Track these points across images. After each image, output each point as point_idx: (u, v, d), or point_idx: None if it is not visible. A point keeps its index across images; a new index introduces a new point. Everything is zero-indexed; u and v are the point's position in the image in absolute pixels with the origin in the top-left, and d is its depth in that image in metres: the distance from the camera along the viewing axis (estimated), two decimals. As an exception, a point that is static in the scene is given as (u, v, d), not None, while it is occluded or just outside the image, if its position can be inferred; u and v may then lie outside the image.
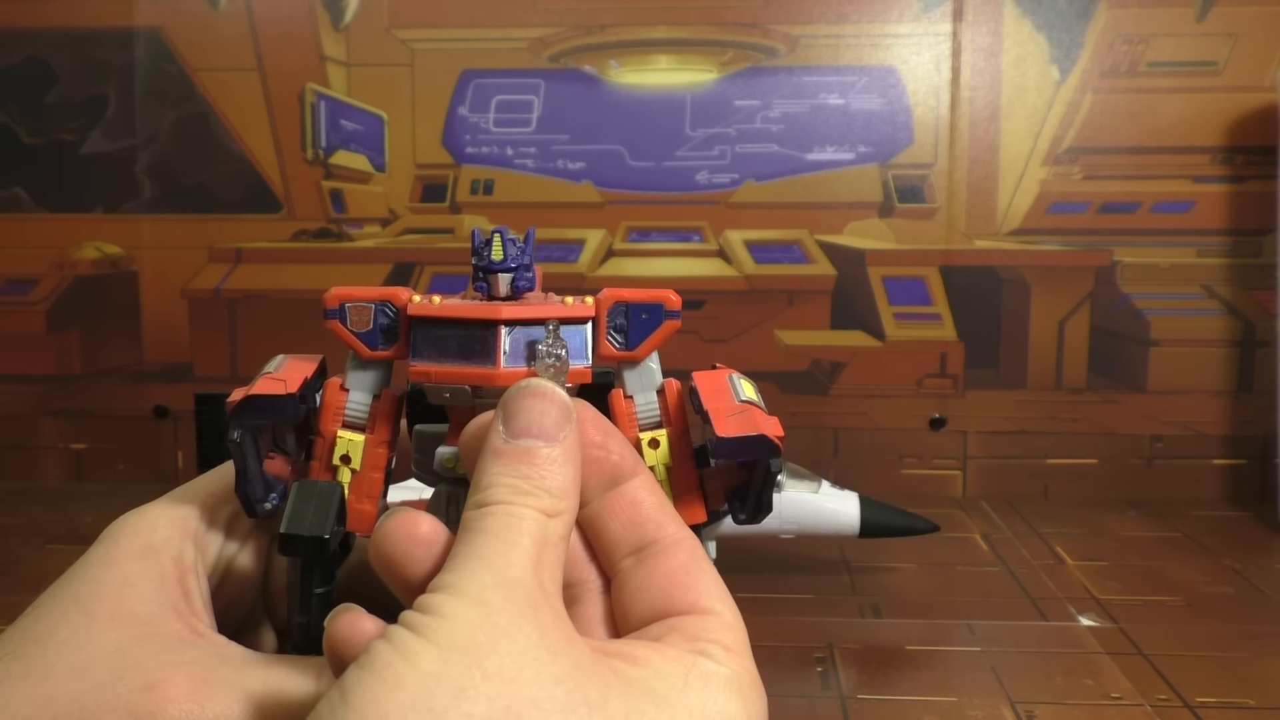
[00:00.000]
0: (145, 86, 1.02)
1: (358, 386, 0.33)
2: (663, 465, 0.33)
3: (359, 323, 0.33)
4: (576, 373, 0.32)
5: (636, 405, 0.33)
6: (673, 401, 0.34)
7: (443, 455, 0.32)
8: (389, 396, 0.33)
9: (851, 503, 0.70)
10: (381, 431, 0.33)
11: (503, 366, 0.31)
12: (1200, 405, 0.99)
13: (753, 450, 0.32)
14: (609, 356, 0.33)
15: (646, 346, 0.33)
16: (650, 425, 0.33)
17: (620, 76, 1.00)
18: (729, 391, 0.34)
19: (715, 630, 0.28)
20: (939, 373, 1.01)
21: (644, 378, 0.33)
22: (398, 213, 1.03)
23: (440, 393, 0.32)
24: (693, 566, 0.30)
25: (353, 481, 0.33)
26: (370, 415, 0.33)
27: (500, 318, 0.31)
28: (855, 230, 1.00)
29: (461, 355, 0.31)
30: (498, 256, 0.32)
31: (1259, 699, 0.56)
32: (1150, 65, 0.97)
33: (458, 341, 0.31)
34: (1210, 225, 0.98)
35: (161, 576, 0.32)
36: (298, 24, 1.01)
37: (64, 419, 1.04)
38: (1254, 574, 0.77)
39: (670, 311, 0.33)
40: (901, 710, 0.54)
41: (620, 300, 0.33)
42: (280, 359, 0.34)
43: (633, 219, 1.01)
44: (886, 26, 0.98)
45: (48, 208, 1.04)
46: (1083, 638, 0.65)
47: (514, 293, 0.32)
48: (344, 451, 0.33)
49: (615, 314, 0.33)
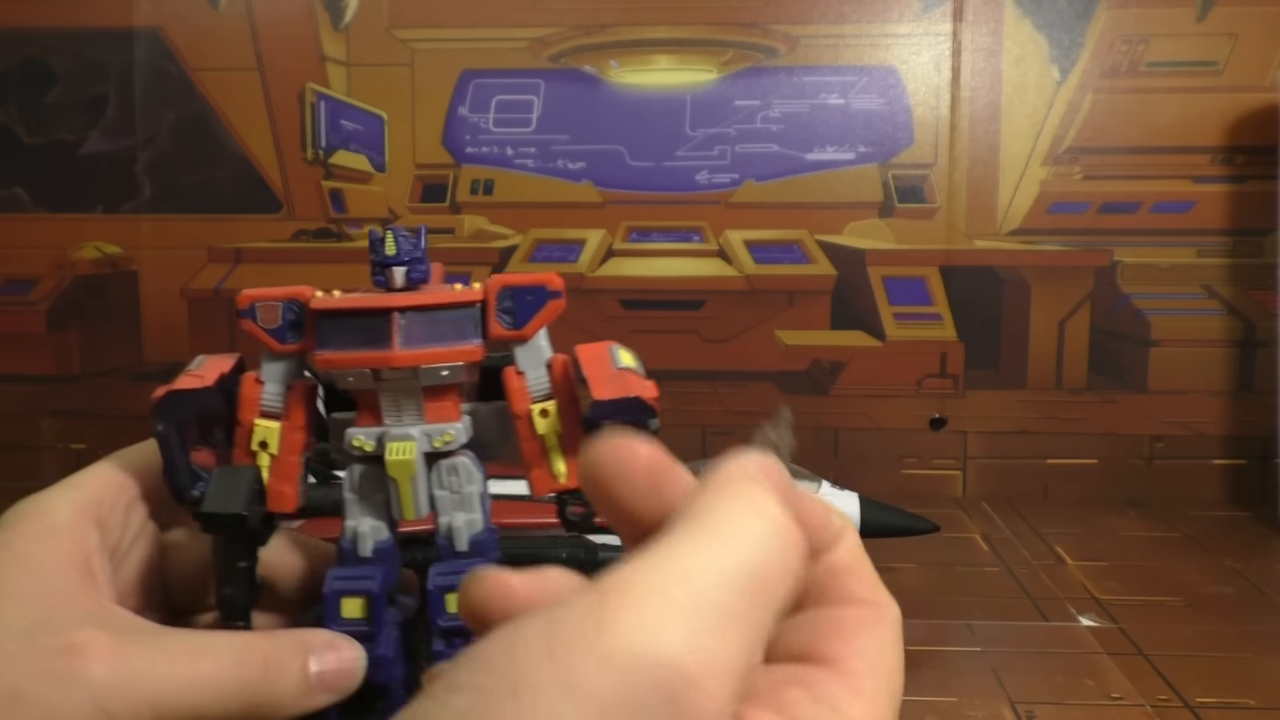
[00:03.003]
0: (145, 86, 1.02)
1: (271, 378, 0.36)
2: (553, 432, 0.36)
3: (268, 320, 0.36)
4: (468, 351, 0.35)
5: (528, 380, 0.36)
6: (560, 374, 0.36)
7: (350, 436, 0.35)
8: (301, 386, 0.36)
9: (851, 503, 0.70)
10: (296, 418, 0.36)
11: (398, 349, 0.33)
12: (1200, 405, 0.99)
13: (628, 411, 0.34)
14: (500, 336, 0.36)
15: (533, 325, 0.36)
16: (541, 397, 0.36)
17: (620, 76, 1.00)
18: (607, 360, 0.36)
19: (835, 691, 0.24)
20: (939, 373, 1.01)
21: (533, 354, 0.36)
22: (398, 213, 1.03)
23: (345, 378, 0.35)
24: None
25: (272, 465, 0.35)
26: (285, 404, 0.36)
27: (394, 305, 0.34)
28: (855, 230, 1.00)
29: (361, 342, 0.34)
30: (391, 251, 0.35)
31: (1259, 699, 0.56)
32: (1150, 65, 0.97)
33: (357, 330, 0.34)
34: (1210, 225, 0.98)
35: (64, 557, 0.32)
36: (298, 24, 1.01)
37: (64, 419, 1.04)
38: (1254, 574, 0.77)
39: (553, 292, 0.36)
40: (902, 710, 0.54)
41: (507, 285, 0.36)
42: (201, 358, 0.37)
43: (633, 219, 1.01)
44: (886, 26, 0.98)
45: (48, 208, 1.04)
46: (1083, 638, 0.64)
47: (409, 284, 0.35)
48: (261, 438, 0.35)
49: (503, 298, 0.35)
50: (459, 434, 0.35)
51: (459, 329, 0.35)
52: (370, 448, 0.35)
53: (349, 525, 0.35)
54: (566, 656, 0.20)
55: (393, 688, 0.35)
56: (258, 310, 0.36)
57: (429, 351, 0.34)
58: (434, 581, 0.35)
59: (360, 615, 0.34)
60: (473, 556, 0.35)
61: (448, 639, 0.34)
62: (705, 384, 1.02)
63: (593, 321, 1.02)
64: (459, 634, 0.34)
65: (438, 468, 0.35)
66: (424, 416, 0.35)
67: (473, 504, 0.36)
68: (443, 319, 0.35)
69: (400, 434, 0.35)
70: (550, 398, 0.36)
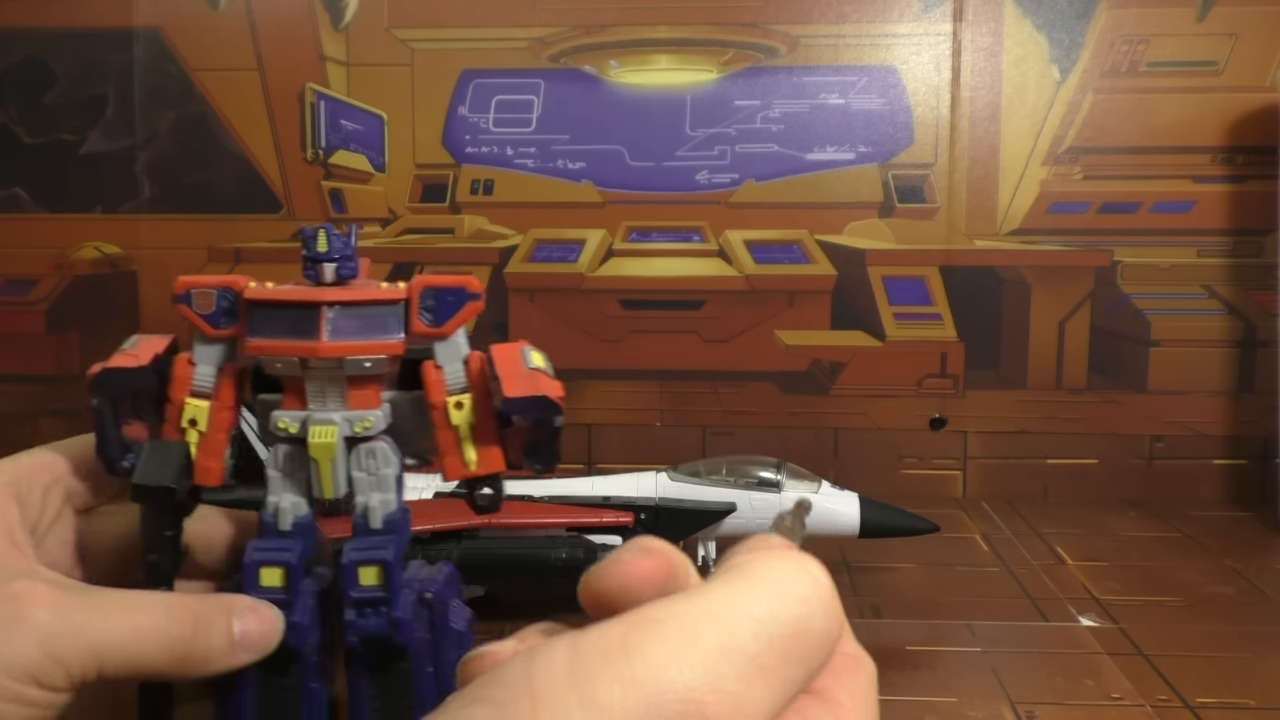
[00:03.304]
0: (145, 86, 1.02)
1: (203, 360, 0.38)
2: (466, 423, 0.38)
3: (203, 306, 0.38)
4: (390, 345, 0.37)
5: (445, 374, 0.38)
6: (476, 371, 0.38)
7: (276, 418, 0.38)
8: (232, 369, 0.38)
9: (851, 503, 0.70)
10: (225, 398, 0.38)
11: (325, 340, 0.36)
12: (1200, 405, 0.99)
13: (536, 408, 0.37)
14: (421, 333, 0.38)
15: (452, 324, 0.38)
16: (457, 390, 0.38)
17: (620, 76, 1.00)
18: (519, 360, 0.38)
19: None
20: (939, 373, 1.01)
21: (452, 351, 0.38)
22: (398, 213, 1.02)
23: (273, 364, 0.37)
24: None
25: (200, 442, 0.38)
26: (215, 385, 0.38)
27: (323, 300, 0.36)
28: (855, 230, 1.00)
29: (290, 332, 0.36)
30: (322, 248, 0.37)
31: (1259, 699, 0.56)
32: (1150, 65, 0.97)
33: (287, 321, 0.36)
34: (1210, 225, 0.98)
35: None
36: (298, 24, 1.01)
37: (63, 419, 1.04)
38: (1254, 574, 0.77)
39: (472, 294, 0.38)
40: (902, 710, 0.54)
41: (429, 285, 0.38)
42: (135, 338, 0.39)
43: (633, 219, 1.01)
44: (886, 26, 0.98)
45: (47, 208, 1.04)
46: (1083, 638, 0.64)
47: (338, 279, 0.37)
48: (191, 416, 0.38)
49: (426, 297, 0.38)
50: (378, 421, 0.38)
51: (383, 324, 0.37)
52: (294, 429, 0.37)
53: (271, 500, 0.38)
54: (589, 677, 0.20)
55: (306, 652, 0.37)
56: (193, 296, 0.38)
57: (353, 344, 0.36)
58: (348, 556, 0.37)
59: (278, 584, 0.36)
60: (386, 534, 0.38)
61: (359, 609, 0.37)
62: (705, 384, 1.02)
63: (593, 321, 1.02)
64: (370, 604, 0.37)
65: (357, 451, 0.38)
66: (346, 403, 0.38)
67: (388, 485, 0.38)
68: (368, 314, 0.37)
69: (323, 418, 0.37)
70: (466, 391, 0.38)
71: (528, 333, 1.04)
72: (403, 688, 0.37)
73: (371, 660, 0.37)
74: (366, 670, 0.37)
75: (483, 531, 0.65)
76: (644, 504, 0.68)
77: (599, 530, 0.67)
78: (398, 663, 0.37)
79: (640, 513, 0.68)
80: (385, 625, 0.37)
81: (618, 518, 0.67)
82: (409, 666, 0.37)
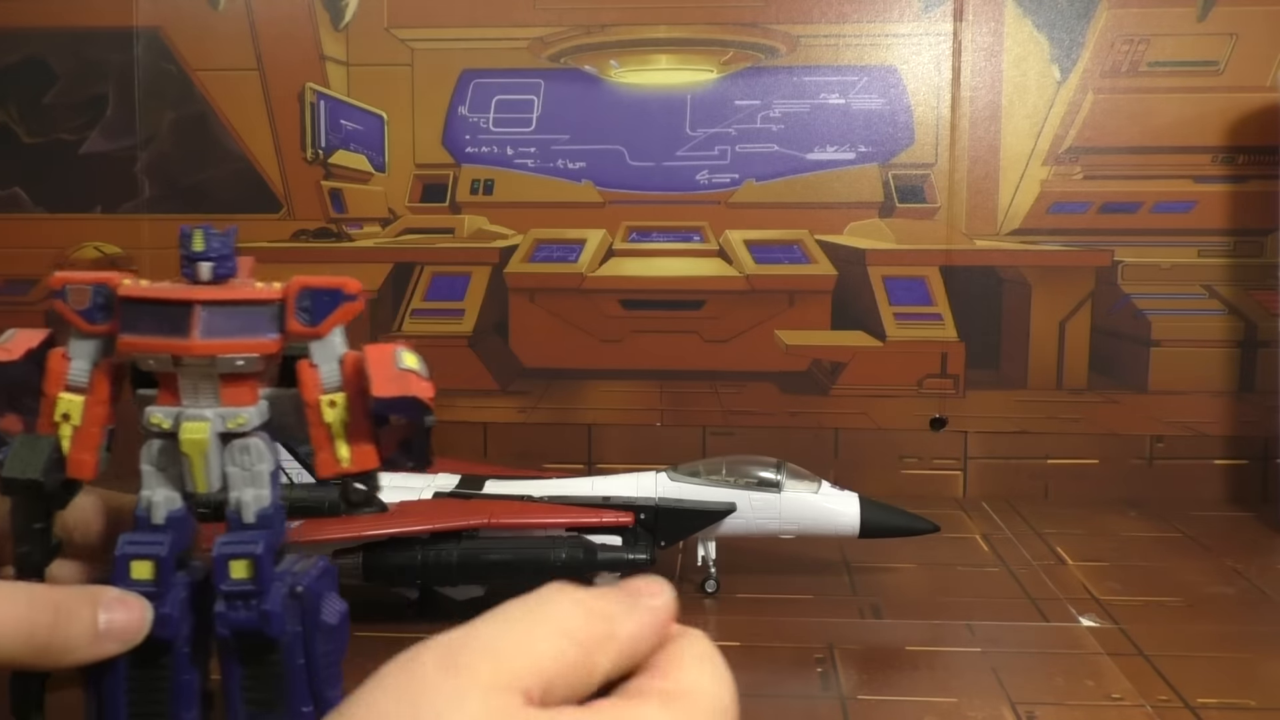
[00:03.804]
0: (145, 86, 1.02)
1: (78, 355, 0.39)
2: (340, 422, 0.39)
3: (78, 301, 0.38)
4: (264, 344, 0.38)
5: (321, 373, 0.39)
6: (350, 370, 0.39)
7: (149, 414, 0.39)
8: (108, 364, 0.39)
9: (851, 503, 0.70)
10: (100, 393, 0.39)
11: (197, 339, 0.37)
12: (1201, 405, 0.99)
13: (405, 408, 0.38)
14: (297, 332, 0.39)
15: (328, 324, 0.39)
16: (332, 388, 0.39)
17: (620, 76, 1.00)
18: (391, 361, 0.39)
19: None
20: (939, 373, 1.01)
21: (327, 350, 0.40)
22: (397, 213, 1.02)
23: (145, 360, 0.38)
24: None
25: (74, 435, 0.38)
26: (90, 380, 0.39)
27: (195, 299, 0.37)
28: (855, 230, 1.00)
29: (163, 330, 0.37)
30: (199, 248, 0.38)
31: (1260, 700, 0.56)
32: (1151, 65, 0.97)
33: (160, 318, 0.37)
34: (1211, 225, 0.98)
35: None
36: (297, 24, 1.01)
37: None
38: (1255, 574, 0.77)
39: (348, 295, 0.39)
40: (901, 711, 0.54)
41: (306, 286, 0.39)
42: (11, 332, 0.40)
43: (633, 219, 1.01)
44: (887, 26, 0.98)
45: (47, 208, 1.04)
46: (1083, 638, 0.64)
47: (215, 279, 0.38)
48: (64, 410, 0.39)
49: (302, 297, 0.39)
50: (251, 418, 0.39)
51: (257, 323, 0.38)
52: (167, 425, 0.38)
53: (144, 495, 0.39)
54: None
55: (178, 644, 0.38)
56: (69, 292, 0.38)
57: (225, 343, 0.38)
58: (219, 550, 0.38)
59: (149, 577, 0.38)
60: (259, 529, 0.39)
61: (229, 601, 0.38)
62: (705, 384, 1.02)
63: (593, 321, 1.02)
64: (240, 597, 0.37)
65: (231, 447, 0.39)
66: (220, 400, 0.38)
67: (262, 481, 0.39)
68: (242, 314, 0.38)
69: (195, 414, 0.38)
70: (340, 390, 0.39)
71: (528, 332, 1.05)
72: (274, 680, 0.38)
73: (243, 653, 0.38)
74: (239, 662, 0.38)
75: (482, 531, 0.65)
76: (644, 504, 0.68)
77: (599, 530, 0.67)
78: (270, 655, 0.38)
79: (640, 513, 0.68)
80: (255, 618, 0.37)
81: (618, 518, 0.67)
82: (280, 659, 0.38)
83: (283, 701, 0.38)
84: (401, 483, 0.69)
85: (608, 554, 0.66)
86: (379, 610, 0.66)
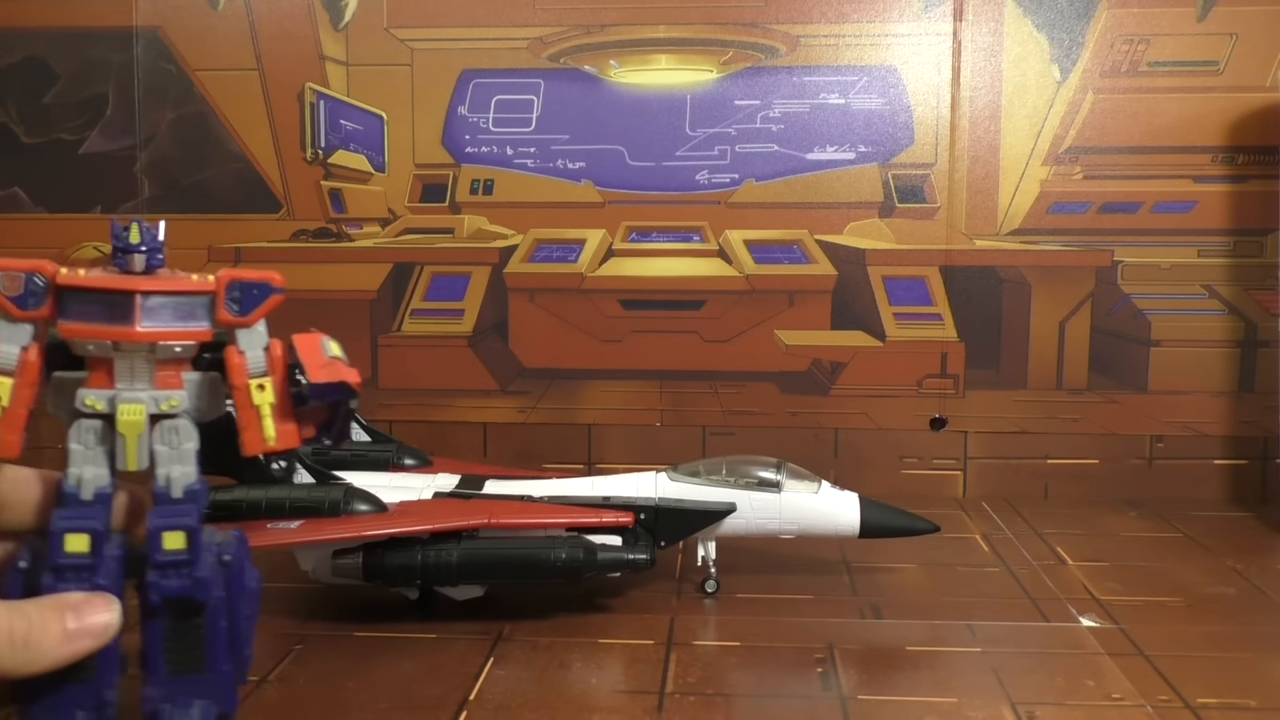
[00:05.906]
0: (145, 86, 1.02)
1: (7, 340, 0.41)
2: (267, 404, 0.42)
3: (10, 288, 0.40)
4: (199, 332, 0.42)
5: (248, 359, 0.43)
6: (276, 357, 0.43)
7: (82, 396, 0.41)
8: (36, 348, 0.41)
9: (851, 503, 0.70)
10: (28, 375, 0.41)
11: (139, 326, 0.40)
12: (1201, 405, 0.99)
13: (337, 392, 0.42)
14: (227, 322, 0.42)
15: (255, 314, 0.43)
16: (258, 374, 0.43)
17: (620, 76, 1.00)
18: (319, 349, 0.43)
19: None
20: (939, 373, 1.01)
21: (254, 338, 0.43)
22: (397, 212, 1.02)
23: (84, 345, 0.41)
24: None
25: (2, 416, 0.41)
26: (19, 363, 0.41)
27: (138, 289, 0.40)
28: (855, 230, 1.00)
29: (104, 317, 0.40)
30: (134, 240, 0.41)
31: (1260, 700, 0.56)
32: (1151, 65, 0.97)
33: (102, 306, 0.40)
34: (1211, 225, 0.98)
35: None
36: (297, 24, 1.01)
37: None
38: (1255, 574, 0.77)
39: (276, 288, 0.43)
40: (901, 711, 0.54)
41: (235, 279, 0.42)
42: None
43: (633, 219, 1.01)
44: (887, 26, 0.98)
45: (47, 208, 1.04)
46: (1083, 638, 0.64)
47: (147, 269, 0.41)
48: None
49: (232, 289, 0.42)
50: (182, 400, 0.42)
51: (192, 312, 0.41)
52: (101, 407, 0.41)
53: (73, 472, 0.41)
54: None
55: None
56: (1, 279, 0.40)
57: (166, 330, 0.41)
58: (153, 523, 0.41)
59: (84, 550, 0.40)
60: (187, 503, 0.42)
61: (161, 571, 0.41)
62: (705, 384, 1.02)
63: (593, 321, 1.02)
64: (171, 566, 0.41)
65: (160, 427, 0.42)
66: (154, 383, 0.41)
67: (189, 459, 0.42)
68: (180, 303, 0.41)
69: (131, 397, 0.41)
70: (266, 375, 0.43)
71: (528, 332, 1.05)
72: (197, 643, 0.41)
73: (169, 617, 0.41)
74: (163, 628, 0.41)
75: (483, 531, 0.65)
76: (644, 504, 0.68)
77: (599, 530, 0.67)
78: (194, 619, 0.41)
79: (640, 513, 0.68)
80: (189, 585, 0.40)
81: (618, 518, 0.67)
82: (204, 622, 0.41)
83: (205, 661, 0.41)
84: (402, 483, 0.69)
85: (608, 554, 0.66)
86: (379, 610, 0.66)
